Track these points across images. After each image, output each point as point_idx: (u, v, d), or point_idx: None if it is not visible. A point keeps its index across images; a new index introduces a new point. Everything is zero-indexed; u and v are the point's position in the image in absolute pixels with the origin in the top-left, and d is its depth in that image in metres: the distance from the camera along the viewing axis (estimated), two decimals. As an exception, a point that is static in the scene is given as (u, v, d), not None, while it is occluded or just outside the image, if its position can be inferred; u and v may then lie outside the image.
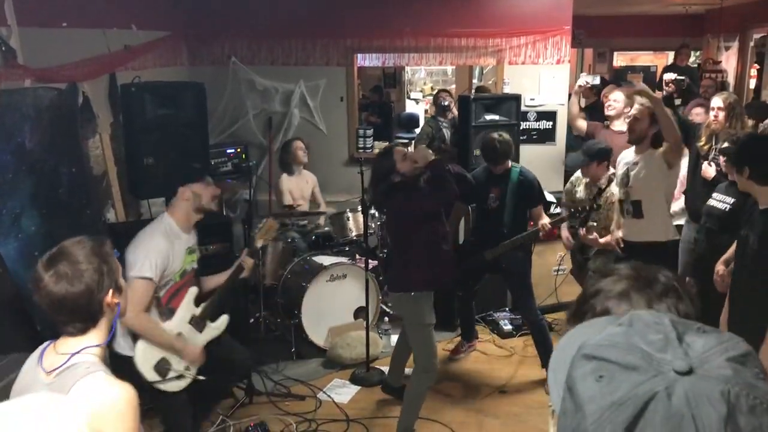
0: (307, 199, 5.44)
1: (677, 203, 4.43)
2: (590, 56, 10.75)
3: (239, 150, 5.61)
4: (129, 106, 3.85)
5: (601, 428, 0.66)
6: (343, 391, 4.26)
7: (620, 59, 11.47)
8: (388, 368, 4.22)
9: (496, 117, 5.20)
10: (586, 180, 4.47)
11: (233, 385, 3.83)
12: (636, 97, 3.79)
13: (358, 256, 5.13)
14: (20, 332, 3.08)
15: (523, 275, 4.30)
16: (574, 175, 4.69)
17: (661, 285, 1.13)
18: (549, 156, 5.82)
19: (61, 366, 1.65)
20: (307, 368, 4.54)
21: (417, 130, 8.22)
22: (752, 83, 8.47)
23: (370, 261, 4.61)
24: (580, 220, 4.24)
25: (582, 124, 5.29)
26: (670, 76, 4.28)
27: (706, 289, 3.44)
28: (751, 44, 8.32)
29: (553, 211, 4.96)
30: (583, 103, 5.90)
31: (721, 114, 4.16)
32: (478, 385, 4.35)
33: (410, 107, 10.76)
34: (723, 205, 3.67)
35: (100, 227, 3.89)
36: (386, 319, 5.06)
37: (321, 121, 5.99)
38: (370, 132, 6.09)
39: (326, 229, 5.32)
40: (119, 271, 1.78)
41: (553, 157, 5.83)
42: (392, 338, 4.86)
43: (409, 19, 5.70)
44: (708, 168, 4.16)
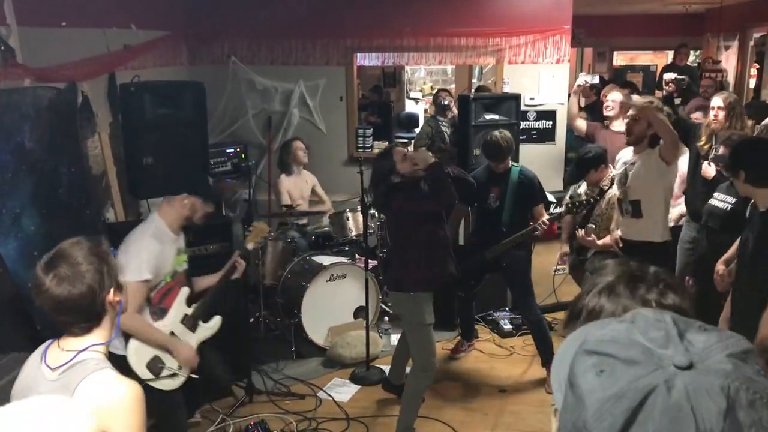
0: (307, 199, 5.44)
1: (676, 209, 4.41)
2: (590, 55, 10.75)
3: (239, 149, 5.61)
4: (128, 105, 3.83)
5: (601, 420, 0.67)
6: (343, 390, 4.26)
7: (620, 58, 11.47)
8: (390, 366, 4.22)
9: (496, 116, 5.19)
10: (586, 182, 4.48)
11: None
12: (634, 98, 3.79)
13: (357, 256, 5.13)
14: (20, 332, 3.09)
15: (523, 274, 4.30)
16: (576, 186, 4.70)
17: (649, 277, 1.15)
18: (549, 155, 5.81)
19: (67, 363, 1.66)
20: (307, 367, 4.54)
21: (416, 130, 8.22)
22: (752, 82, 8.47)
23: (369, 261, 4.61)
24: (581, 221, 4.24)
25: (581, 124, 5.28)
26: (670, 75, 4.28)
27: (706, 289, 3.44)
28: (751, 43, 8.32)
29: (554, 211, 4.95)
30: (582, 103, 5.90)
31: (721, 114, 4.16)
32: (478, 384, 4.36)
33: (410, 107, 10.75)
34: (724, 205, 3.66)
35: (99, 227, 3.89)
36: (386, 318, 5.06)
37: (320, 121, 5.99)
38: (369, 132, 6.12)
39: (326, 228, 5.32)
40: (118, 270, 1.79)
41: (552, 156, 5.83)
42: (392, 337, 4.86)
43: (408, 19, 5.70)
44: (708, 168, 4.16)
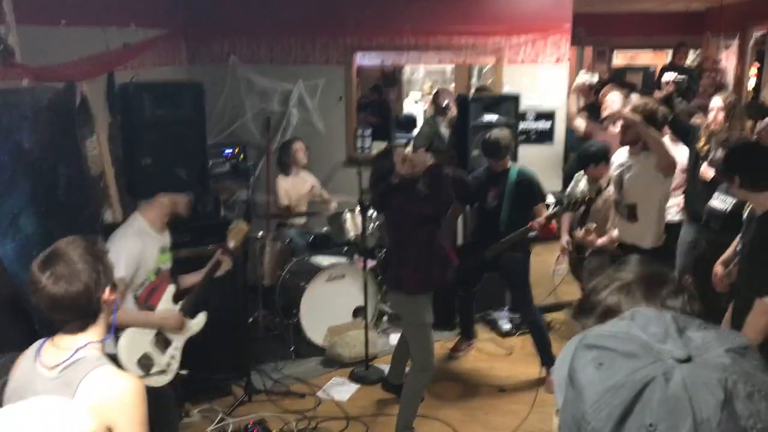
0: (306, 200, 5.43)
1: (676, 200, 4.40)
2: (590, 55, 10.73)
3: (237, 150, 5.61)
4: (127, 105, 3.82)
5: (599, 411, 0.67)
6: (342, 389, 4.26)
7: (620, 57, 11.46)
8: (389, 366, 4.22)
9: (495, 117, 5.19)
10: (586, 177, 4.49)
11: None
12: (632, 97, 3.78)
13: (356, 256, 5.13)
14: (19, 331, 3.08)
15: (521, 275, 4.31)
16: (577, 174, 4.70)
17: (672, 284, 1.13)
18: (547, 156, 5.81)
19: (66, 361, 1.66)
20: (306, 367, 4.54)
21: (415, 131, 8.21)
22: (752, 82, 8.45)
23: (368, 261, 4.60)
24: (579, 220, 4.24)
25: (580, 123, 5.27)
26: (669, 76, 4.26)
27: (705, 290, 3.43)
28: (751, 42, 8.31)
29: (552, 212, 4.95)
30: (582, 103, 5.89)
31: (721, 114, 4.16)
32: (477, 383, 4.36)
33: (409, 107, 10.74)
34: (724, 205, 3.66)
35: (97, 227, 3.88)
36: (385, 318, 5.06)
37: (319, 121, 5.98)
38: (368, 132, 6.10)
39: (325, 229, 5.32)
40: (113, 269, 1.81)
41: (551, 157, 5.82)
42: (391, 337, 4.87)
43: (408, 18, 5.69)
44: (707, 169, 4.15)
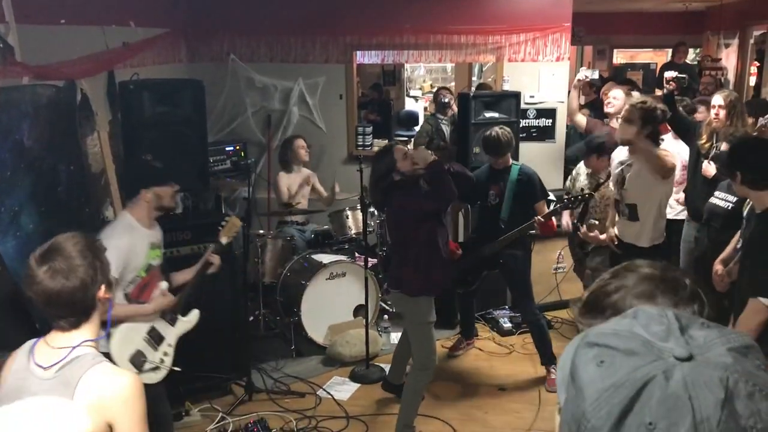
0: (306, 196, 5.43)
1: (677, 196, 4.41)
2: (590, 53, 10.73)
3: (238, 147, 5.61)
4: (127, 103, 3.83)
5: (599, 409, 0.67)
6: (342, 388, 4.26)
7: (620, 56, 11.46)
8: (390, 366, 4.22)
9: (496, 114, 5.19)
10: (588, 171, 4.48)
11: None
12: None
13: (357, 254, 5.13)
14: (19, 330, 3.07)
15: (520, 273, 4.30)
16: (578, 167, 4.70)
17: (688, 289, 1.10)
18: (548, 153, 5.80)
19: (63, 360, 1.65)
20: (306, 366, 4.54)
21: (416, 128, 8.21)
22: (752, 80, 8.46)
23: (369, 259, 4.60)
24: (579, 216, 4.23)
25: (581, 119, 5.27)
26: (671, 74, 4.26)
27: (707, 288, 3.42)
28: (751, 41, 8.31)
29: (553, 209, 4.95)
30: (582, 101, 5.89)
31: (722, 112, 4.15)
32: (477, 382, 4.36)
33: (409, 105, 10.74)
34: (725, 204, 3.65)
35: (98, 225, 3.87)
36: (386, 316, 5.06)
37: (320, 119, 5.97)
38: (369, 130, 6.10)
39: (326, 226, 5.32)
40: (110, 267, 1.80)
41: (552, 154, 5.82)
42: (392, 336, 4.86)
43: (408, 16, 5.68)
44: (708, 167, 4.15)
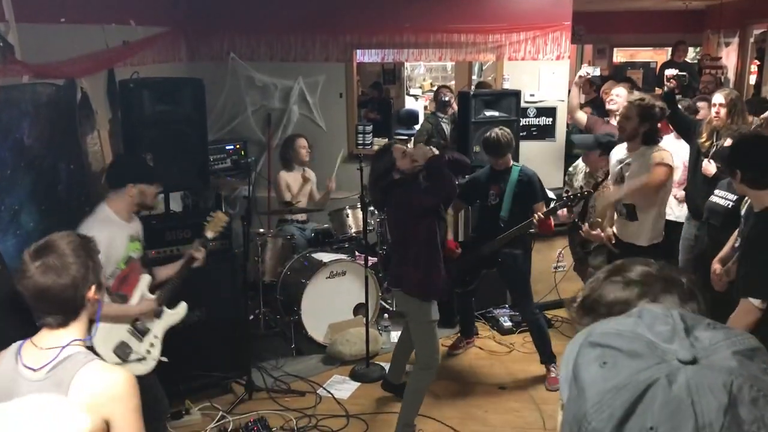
0: (306, 195, 5.44)
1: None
2: (590, 52, 10.73)
3: (238, 146, 5.61)
4: (127, 102, 3.83)
5: (600, 411, 0.67)
6: (343, 387, 4.26)
7: (620, 55, 11.45)
8: (389, 365, 4.21)
9: (496, 113, 5.19)
10: (586, 169, 4.48)
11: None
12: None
13: (357, 253, 5.13)
14: (19, 329, 3.06)
15: (519, 273, 4.30)
16: (576, 164, 4.69)
17: (685, 288, 1.09)
18: (548, 152, 5.80)
19: (53, 360, 1.65)
20: (306, 364, 4.54)
21: (417, 127, 8.21)
22: (752, 79, 8.45)
23: (369, 258, 4.60)
24: (580, 215, 4.23)
25: (581, 116, 5.27)
26: (671, 71, 4.27)
27: (707, 286, 3.42)
28: (751, 40, 8.30)
29: (552, 207, 4.95)
30: (582, 99, 5.88)
31: (723, 110, 4.15)
32: (477, 381, 4.36)
33: (409, 103, 10.74)
34: (726, 202, 3.64)
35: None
36: (386, 315, 5.06)
37: (320, 118, 5.97)
38: (369, 128, 6.10)
39: (326, 225, 5.32)
40: (102, 269, 1.81)
41: (552, 153, 5.82)
42: (392, 335, 4.86)
43: (408, 15, 5.68)
44: (708, 165, 4.15)
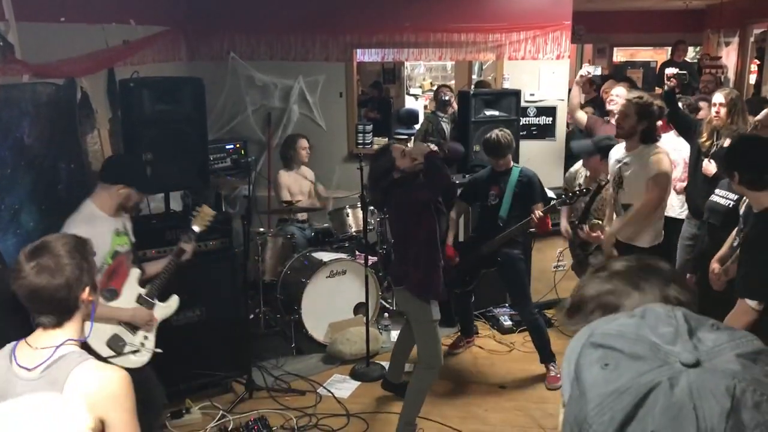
0: (306, 194, 5.44)
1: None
2: (590, 52, 10.73)
3: (238, 146, 5.61)
4: (127, 101, 3.83)
5: (601, 414, 0.66)
6: (343, 386, 4.26)
7: (620, 55, 11.45)
8: (389, 365, 4.22)
9: (496, 112, 5.19)
10: (587, 173, 4.47)
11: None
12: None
13: (357, 252, 5.13)
14: (19, 328, 3.07)
15: (518, 273, 4.29)
16: (576, 166, 4.68)
17: (664, 272, 1.14)
18: (548, 151, 5.80)
19: (48, 359, 1.66)
20: (307, 363, 4.54)
21: (416, 126, 8.20)
22: (752, 79, 8.45)
23: (369, 257, 4.60)
24: (581, 216, 4.22)
25: (582, 116, 5.26)
26: (672, 70, 4.27)
27: (708, 286, 3.41)
28: (751, 39, 8.30)
29: (551, 204, 4.94)
30: (582, 98, 5.88)
31: (723, 110, 4.15)
32: (478, 380, 4.36)
33: (409, 103, 10.73)
34: (726, 201, 3.64)
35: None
36: (386, 314, 5.06)
37: (320, 117, 5.97)
38: (369, 128, 6.10)
39: (326, 224, 5.32)
40: (97, 270, 1.81)
41: (552, 152, 5.82)
42: (392, 334, 4.86)
43: (408, 15, 5.68)
44: (708, 165, 4.14)
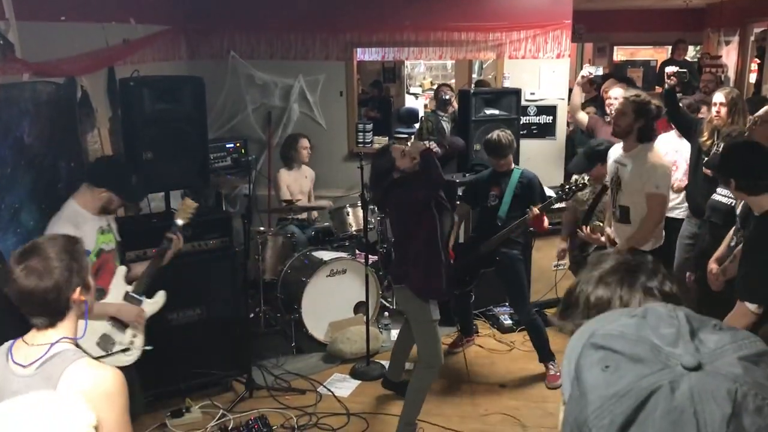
0: (306, 194, 5.44)
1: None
2: (590, 51, 10.73)
3: (238, 145, 5.61)
4: (127, 100, 3.83)
5: (601, 417, 0.65)
6: (343, 385, 4.26)
7: (620, 53, 11.45)
8: (388, 364, 4.22)
9: (496, 111, 5.19)
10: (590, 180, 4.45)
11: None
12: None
13: (358, 251, 5.13)
14: (19, 327, 3.08)
15: (517, 273, 4.29)
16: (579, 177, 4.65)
17: (648, 266, 1.17)
18: (549, 151, 5.80)
19: (43, 356, 1.67)
20: (307, 363, 4.54)
21: (416, 125, 8.19)
22: (752, 78, 8.45)
23: (370, 256, 4.60)
24: (583, 218, 4.22)
25: (583, 117, 5.26)
26: (672, 68, 4.27)
27: (707, 285, 3.41)
28: (752, 38, 8.29)
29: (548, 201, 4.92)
30: (582, 98, 5.88)
31: (723, 109, 4.14)
32: (478, 379, 4.35)
33: (409, 102, 10.72)
34: (728, 200, 3.63)
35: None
36: (386, 313, 5.06)
37: (320, 116, 5.97)
38: (369, 127, 6.10)
39: (326, 224, 5.32)
40: (88, 270, 1.81)
41: (552, 151, 5.82)
42: (392, 333, 4.86)
43: (408, 14, 5.68)
44: (709, 165, 4.14)
